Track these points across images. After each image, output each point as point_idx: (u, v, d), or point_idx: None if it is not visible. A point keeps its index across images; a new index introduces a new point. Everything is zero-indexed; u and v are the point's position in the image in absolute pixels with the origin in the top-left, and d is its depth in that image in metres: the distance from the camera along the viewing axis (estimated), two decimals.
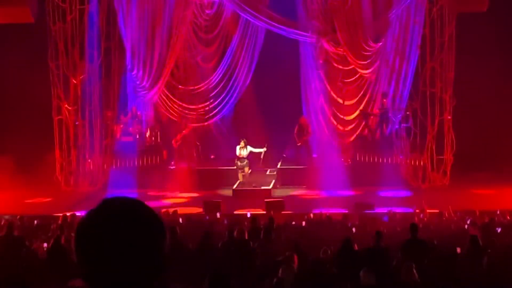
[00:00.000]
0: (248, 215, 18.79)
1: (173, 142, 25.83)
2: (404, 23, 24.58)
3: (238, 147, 24.18)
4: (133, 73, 25.89)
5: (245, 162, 24.21)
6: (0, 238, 13.99)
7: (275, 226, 15.51)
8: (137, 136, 25.72)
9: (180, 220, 17.95)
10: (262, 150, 24.34)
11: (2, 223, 17.62)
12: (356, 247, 12.15)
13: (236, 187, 24.05)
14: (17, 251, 12.80)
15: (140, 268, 2.33)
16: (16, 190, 23.97)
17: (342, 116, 26.68)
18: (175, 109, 27.12)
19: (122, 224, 2.34)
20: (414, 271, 9.83)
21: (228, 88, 27.16)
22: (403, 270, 9.95)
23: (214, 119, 27.55)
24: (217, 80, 27.19)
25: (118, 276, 2.32)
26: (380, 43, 25.20)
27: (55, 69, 24.33)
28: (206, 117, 27.48)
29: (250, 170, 24.68)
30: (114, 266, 2.31)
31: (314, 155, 26.18)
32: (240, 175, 24.36)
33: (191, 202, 22.62)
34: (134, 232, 2.34)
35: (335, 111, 26.74)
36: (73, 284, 9.76)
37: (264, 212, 19.76)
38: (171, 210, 19.13)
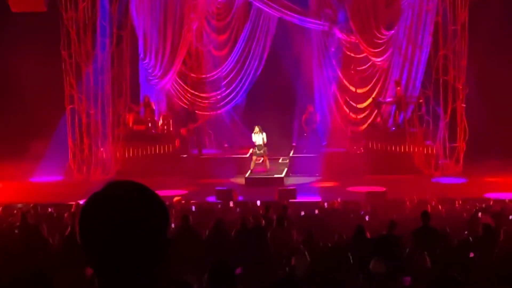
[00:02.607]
0: (258, 204, 18.78)
1: (182, 131, 25.79)
2: (417, 10, 24.48)
3: (253, 134, 24.11)
4: (145, 61, 25.94)
5: (262, 150, 24.04)
6: (15, 227, 14.07)
7: (288, 214, 15.52)
8: (149, 125, 25.75)
9: (193, 208, 17.99)
10: (263, 136, 24.12)
11: (15, 211, 17.72)
12: (368, 235, 12.15)
13: (248, 175, 24.05)
14: (32, 240, 12.85)
15: (141, 251, 2.34)
16: (29, 178, 24.15)
17: (354, 104, 26.68)
18: (187, 98, 27.15)
19: (125, 206, 2.34)
20: (427, 258, 9.83)
21: (240, 76, 27.16)
22: (415, 257, 9.96)
23: (227, 107, 27.56)
24: (229, 68, 27.20)
25: (119, 259, 2.33)
26: (393, 31, 25.14)
27: (67, 58, 24.36)
28: (218, 105, 27.49)
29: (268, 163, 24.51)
30: (115, 248, 2.31)
31: (324, 143, 26.20)
32: (252, 163, 24.31)
33: (203, 191, 22.62)
34: (137, 215, 2.34)
35: (348, 99, 26.74)
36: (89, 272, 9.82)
37: (277, 201, 19.76)
38: (183, 198, 19.16)
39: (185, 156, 25.60)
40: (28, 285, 3.70)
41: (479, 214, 15.84)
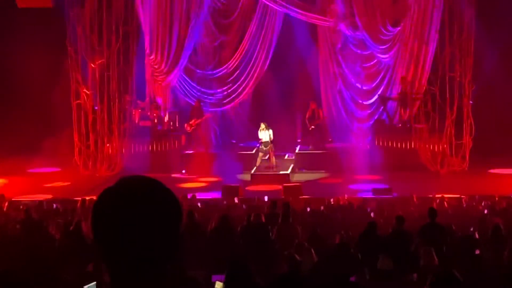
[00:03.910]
0: (266, 199, 18.76)
1: (185, 126, 25.72)
2: (423, 7, 24.38)
3: (259, 131, 24.15)
4: (151, 57, 25.90)
5: (268, 147, 24.04)
6: (20, 222, 14.08)
7: (293, 210, 15.49)
8: (155, 121, 25.73)
9: (199, 204, 17.98)
10: (269, 133, 24.16)
11: (21, 207, 17.74)
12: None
13: (254, 171, 24.02)
14: (37, 236, 12.86)
15: (155, 246, 2.33)
16: (35, 174, 24.17)
17: (360, 101, 26.62)
18: (193, 94, 27.13)
19: (139, 202, 2.33)
20: (434, 255, 9.81)
21: (246, 73, 27.13)
22: (422, 254, 9.93)
23: (232, 103, 27.52)
24: (235, 64, 27.15)
25: (132, 254, 2.32)
26: (399, 28, 25.05)
27: (73, 54, 24.38)
28: (224, 101, 27.47)
29: (275, 160, 24.49)
30: (129, 244, 2.30)
31: (329, 140, 26.16)
32: (258, 160, 24.30)
33: (209, 187, 22.64)
34: (151, 210, 2.33)
35: (354, 96, 26.69)
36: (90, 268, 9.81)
37: (281, 197, 19.76)
38: (189, 194, 19.15)
39: (191, 152, 25.60)
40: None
41: (485, 211, 15.84)
